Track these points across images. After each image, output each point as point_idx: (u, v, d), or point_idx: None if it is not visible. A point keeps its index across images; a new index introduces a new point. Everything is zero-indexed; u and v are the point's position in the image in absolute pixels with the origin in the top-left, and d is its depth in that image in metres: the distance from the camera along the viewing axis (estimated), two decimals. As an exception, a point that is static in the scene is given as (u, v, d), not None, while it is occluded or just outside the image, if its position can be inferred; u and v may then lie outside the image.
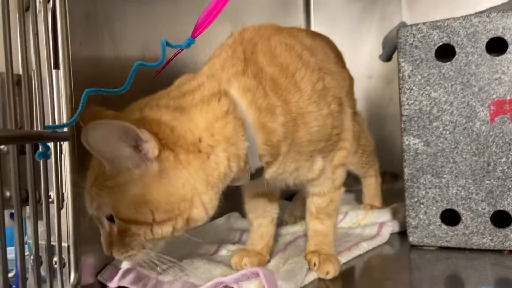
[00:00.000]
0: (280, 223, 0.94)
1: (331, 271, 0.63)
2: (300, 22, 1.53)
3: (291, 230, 0.88)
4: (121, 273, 0.61)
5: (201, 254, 0.75)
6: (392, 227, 0.87)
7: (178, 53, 0.65)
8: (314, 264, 0.63)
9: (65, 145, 0.56)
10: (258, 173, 0.57)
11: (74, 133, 0.57)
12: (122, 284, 0.60)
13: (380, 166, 1.07)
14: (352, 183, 1.09)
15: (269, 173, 0.60)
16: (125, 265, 0.64)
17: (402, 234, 0.85)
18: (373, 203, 1.02)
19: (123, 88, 0.55)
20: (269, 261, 0.68)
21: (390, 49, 0.96)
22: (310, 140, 0.60)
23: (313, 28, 1.57)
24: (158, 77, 0.66)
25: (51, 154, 0.52)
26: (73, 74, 0.58)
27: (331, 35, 1.51)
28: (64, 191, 0.58)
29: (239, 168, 0.53)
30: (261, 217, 0.72)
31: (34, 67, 0.54)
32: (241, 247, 0.73)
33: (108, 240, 0.52)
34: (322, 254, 0.65)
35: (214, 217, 0.95)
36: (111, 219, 0.50)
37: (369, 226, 0.88)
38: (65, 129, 0.56)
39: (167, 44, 0.61)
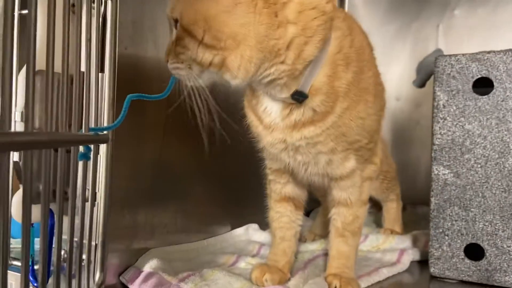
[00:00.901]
0: (299, 239, 0.94)
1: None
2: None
3: (310, 248, 0.88)
4: (143, 277, 0.62)
5: (220, 264, 0.76)
6: (413, 255, 0.86)
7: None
8: (335, 287, 0.63)
9: (103, 147, 0.58)
10: (299, 97, 0.56)
11: (113, 136, 0.58)
12: (144, 287, 0.61)
13: (401, 191, 1.07)
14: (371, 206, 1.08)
15: (309, 132, 0.58)
16: (147, 268, 0.65)
17: (422, 263, 0.84)
18: (394, 228, 1.01)
19: (164, 94, 0.57)
20: (289, 279, 0.68)
21: (425, 76, 0.96)
22: (363, 119, 0.59)
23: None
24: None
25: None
26: (117, 77, 0.60)
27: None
28: (97, 190, 0.60)
29: (292, 65, 0.52)
30: (285, 228, 0.71)
31: (84, 70, 0.56)
32: (261, 262, 0.73)
33: (169, 48, 0.53)
34: (344, 277, 0.65)
35: (233, 227, 0.97)
36: (176, 26, 0.52)
37: (389, 251, 0.87)
38: (105, 132, 0.57)
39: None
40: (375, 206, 1.08)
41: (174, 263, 0.70)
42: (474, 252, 0.75)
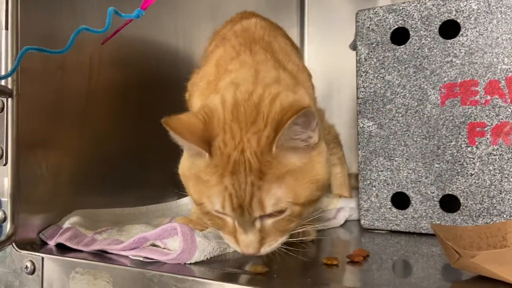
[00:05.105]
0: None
1: (313, 233, 0.69)
2: (293, 21, 1.54)
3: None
4: (60, 232, 0.63)
5: (154, 225, 0.77)
6: (350, 212, 0.87)
7: (128, 23, 0.67)
8: (298, 233, 0.66)
9: (9, 102, 0.59)
10: None
11: (18, 90, 0.60)
12: (59, 241, 0.62)
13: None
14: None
15: None
16: (66, 224, 0.66)
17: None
18: (342, 193, 1.02)
19: (65, 49, 0.58)
20: (208, 230, 0.69)
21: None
22: None
23: (307, 27, 1.58)
24: (109, 43, 0.69)
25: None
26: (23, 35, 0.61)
27: (325, 34, 1.51)
28: (8, 148, 0.61)
29: None
30: None
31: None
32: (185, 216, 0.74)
33: (259, 237, 0.52)
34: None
35: (179, 196, 0.98)
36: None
37: (329, 210, 0.88)
38: (9, 86, 0.59)
39: (116, 13, 0.64)
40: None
41: (101, 223, 0.71)
42: (401, 201, 0.76)
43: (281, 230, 0.53)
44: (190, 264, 0.53)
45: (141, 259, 0.54)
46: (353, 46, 0.92)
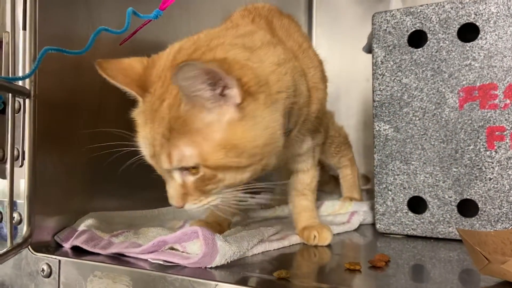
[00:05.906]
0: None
1: (329, 237, 0.68)
2: (301, 22, 1.54)
3: (263, 214, 0.89)
4: (76, 234, 0.62)
5: (168, 228, 0.76)
6: (364, 216, 0.86)
7: (146, 23, 0.67)
8: (314, 237, 0.67)
9: (26, 103, 0.59)
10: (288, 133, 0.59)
11: (36, 91, 0.59)
12: (75, 243, 0.61)
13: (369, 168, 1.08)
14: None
15: (291, 137, 0.62)
16: (82, 227, 0.65)
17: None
18: (352, 195, 1.01)
19: (84, 49, 0.57)
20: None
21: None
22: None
23: (315, 28, 1.58)
24: (124, 45, 0.69)
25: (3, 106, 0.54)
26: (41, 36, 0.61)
27: (333, 36, 1.51)
28: (25, 149, 0.60)
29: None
30: None
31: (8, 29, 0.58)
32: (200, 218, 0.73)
33: (181, 192, 0.50)
34: (316, 226, 0.69)
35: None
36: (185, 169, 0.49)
37: (342, 215, 0.88)
38: (27, 86, 0.58)
39: (135, 13, 0.63)
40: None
41: (115, 225, 0.70)
42: (418, 205, 0.75)
43: (201, 190, 0.50)
44: (210, 268, 0.53)
45: (161, 262, 0.53)
46: (367, 49, 0.91)
